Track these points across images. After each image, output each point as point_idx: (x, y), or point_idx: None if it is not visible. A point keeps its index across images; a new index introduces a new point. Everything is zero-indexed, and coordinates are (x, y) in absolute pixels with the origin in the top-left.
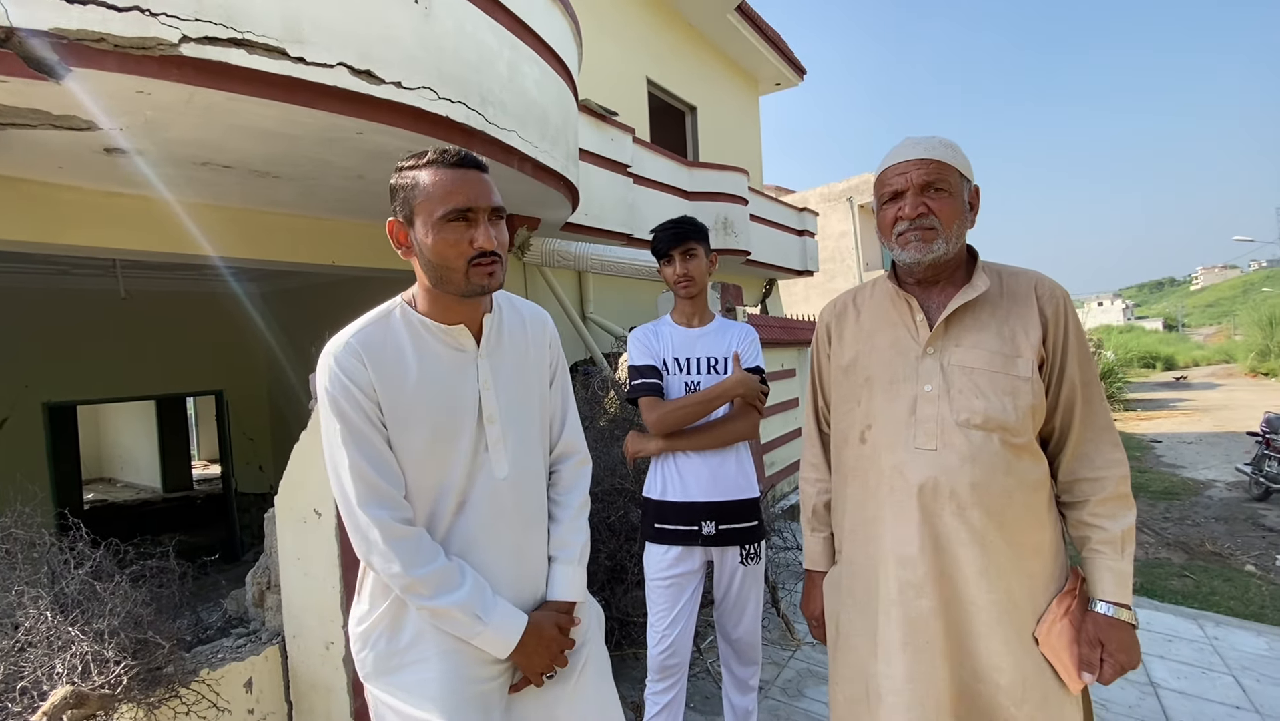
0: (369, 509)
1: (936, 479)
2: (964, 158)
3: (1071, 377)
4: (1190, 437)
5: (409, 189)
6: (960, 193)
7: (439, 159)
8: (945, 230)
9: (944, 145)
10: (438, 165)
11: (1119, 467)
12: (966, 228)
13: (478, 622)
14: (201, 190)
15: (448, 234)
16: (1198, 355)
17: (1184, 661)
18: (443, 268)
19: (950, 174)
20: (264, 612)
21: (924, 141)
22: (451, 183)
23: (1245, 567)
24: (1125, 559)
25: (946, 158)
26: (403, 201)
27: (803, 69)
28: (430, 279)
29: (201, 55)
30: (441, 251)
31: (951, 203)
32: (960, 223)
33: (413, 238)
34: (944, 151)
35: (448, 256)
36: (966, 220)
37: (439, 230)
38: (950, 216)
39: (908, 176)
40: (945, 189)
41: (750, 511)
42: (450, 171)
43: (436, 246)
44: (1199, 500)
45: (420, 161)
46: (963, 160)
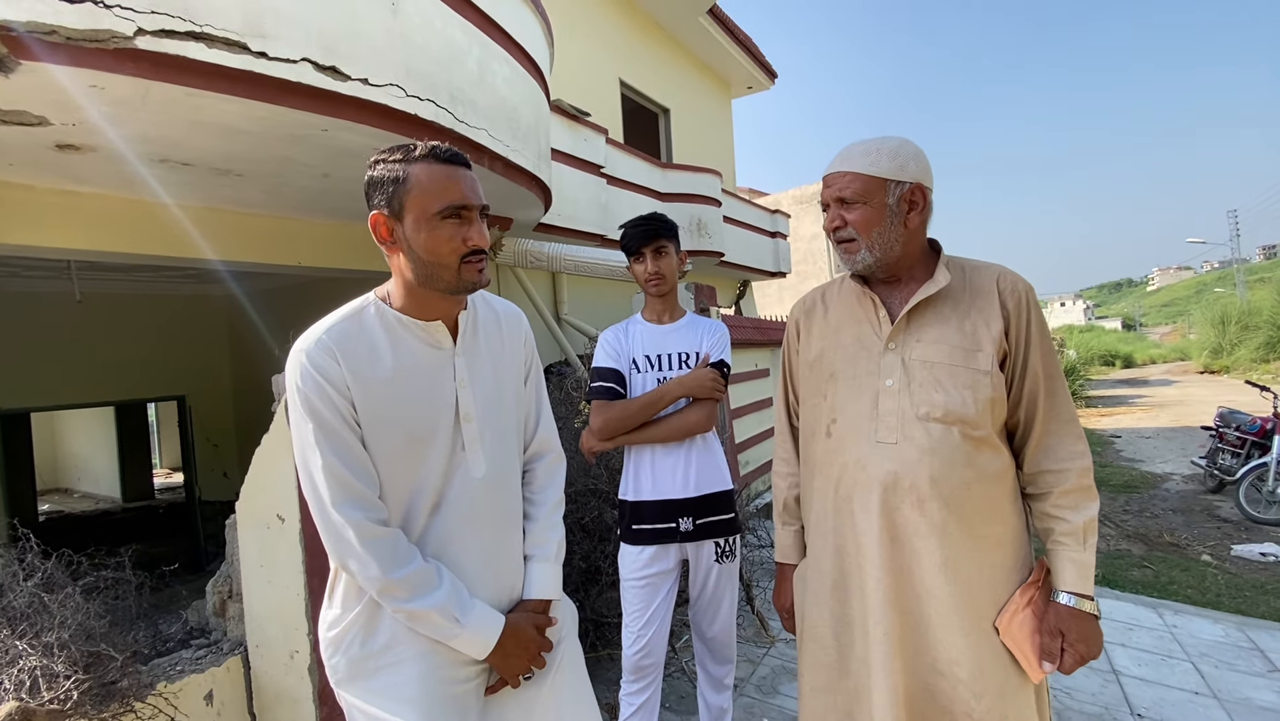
0: (343, 510)
1: (896, 472)
2: (896, 160)
3: (1034, 370)
4: (1149, 433)
5: (398, 183)
6: (881, 199)
7: (432, 154)
8: (865, 239)
9: (865, 153)
10: (431, 160)
11: (1081, 460)
12: (896, 232)
13: (455, 625)
14: (160, 189)
15: (443, 231)
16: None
17: (1145, 649)
18: (434, 265)
19: (865, 183)
20: (226, 622)
21: (847, 151)
22: (447, 179)
23: (1201, 557)
24: (1088, 550)
25: (863, 167)
26: (390, 195)
27: (774, 72)
28: (417, 276)
29: (158, 48)
30: (434, 248)
31: (866, 213)
32: (883, 229)
33: (399, 233)
34: (861, 161)
35: (441, 253)
36: (894, 225)
37: (434, 227)
38: (867, 226)
39: (829, 190)
40: (860, 200)
41: (726, 504)
42: (445, 168)
43: (429, 243)
44: (1157, 493)
45: (410, 155)
46: (888, 164)
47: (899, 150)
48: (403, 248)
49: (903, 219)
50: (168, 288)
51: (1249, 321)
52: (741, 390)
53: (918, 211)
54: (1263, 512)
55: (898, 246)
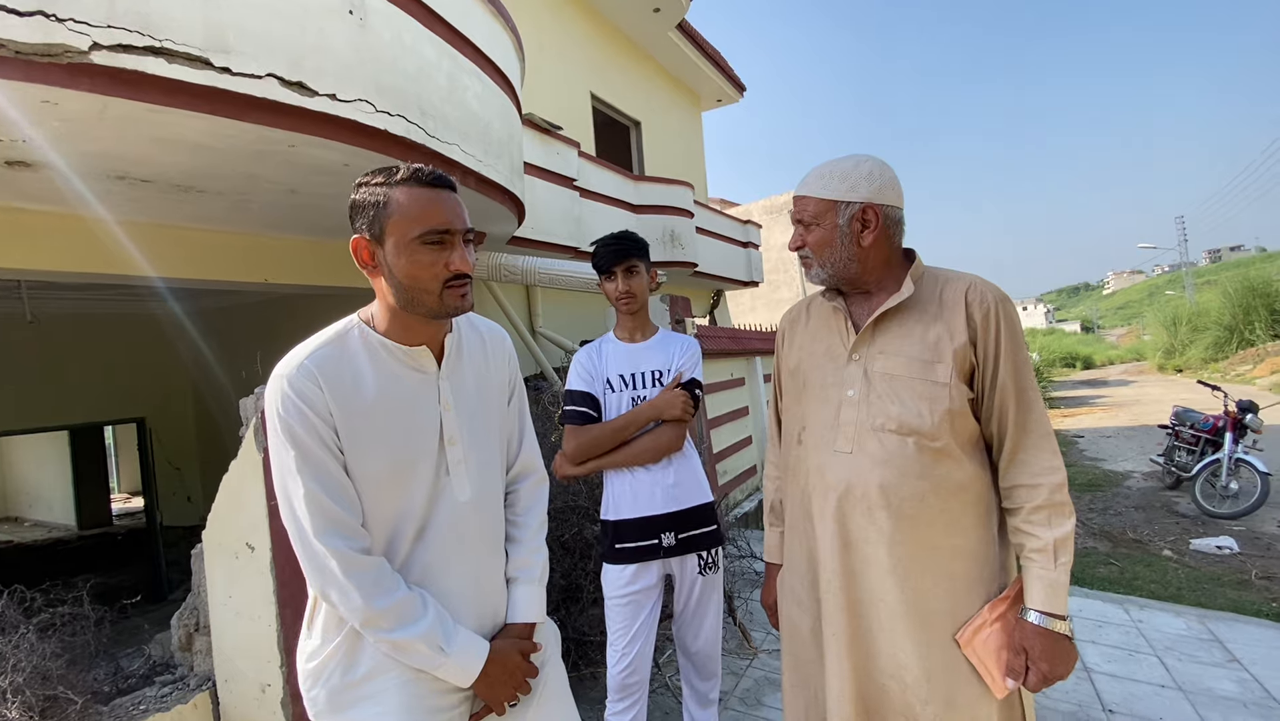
0: (326, 539)
1: (849, 480)
2: (846, 181)
3: (1003, 383)
4: (1109, 432)
5: (379, 206)
6: (832, 220)
7: (413, 177)
8: (818, 258)
9: (819, 176)
10: (413, 184)
11: (1055, 475)
12: (849, 251)
13: (440, 654)
14: (118, 206)
15: (423, 256)
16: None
17: (1113, 645)
18: (415, 290)
19: (816, 205)
20: (192, 657)
21: (810, 174)
22: (429, 203)
23: (1163, 552)
24: (1059, 568)
25: (816, 190)
26: (371, 219)
27: (743, 85)
28: (399, 300)
29: (115, 63)
30: (415, 274)
31: (818, 233)
32: (835, 249)
33: (380, 257)
34: (813, 184)
35: (422, 279)
36: (846, 244)
37: (414, 252)
38: (819, 246)
39: (794, 212)
40: (815, 221)
41: (707, 516)
42: (427, 191)
43: (410, 268)
44: (1119, 490)
45: (392, 178)
46: (838, 186)
47: (850, 171)
48: (384, 272)
49: (855, 238)
50: (126, 306)
51: (1198, 322)
52: (718, 400)
53: (871, 230)
54: (1217, 507)
55: (854, 264)
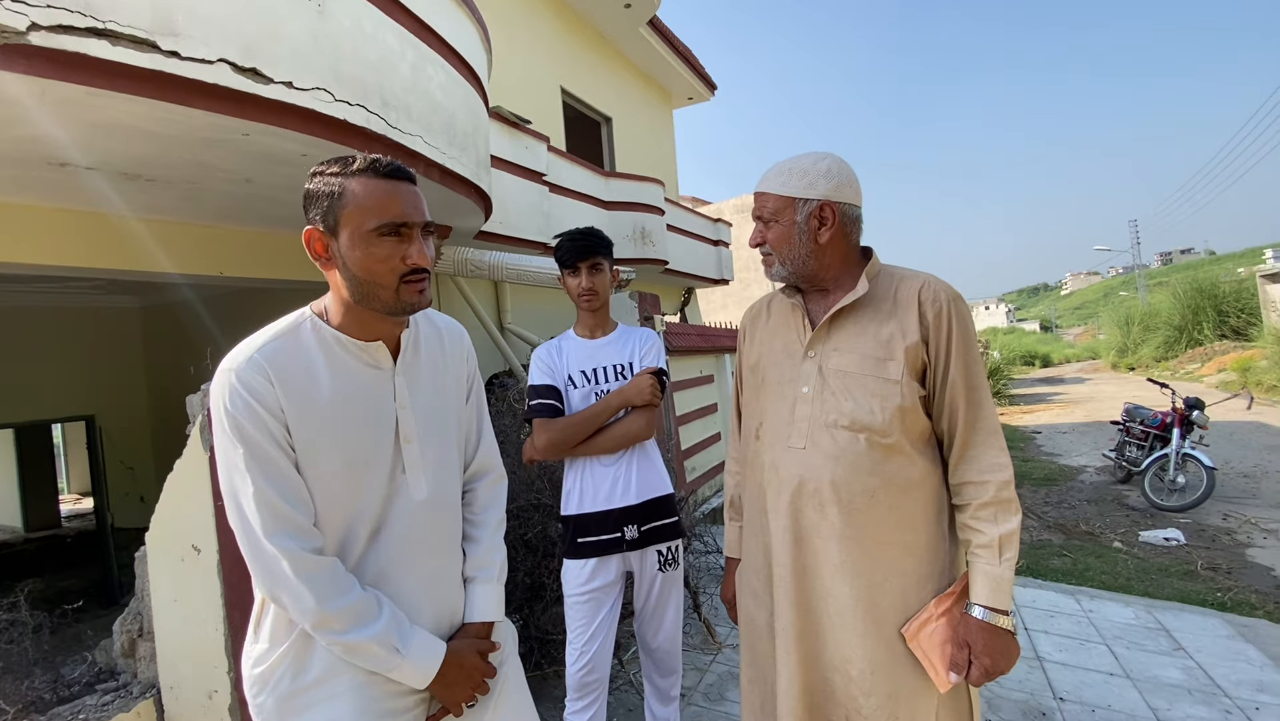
0: (276, 539)
1: (802, 476)
2: (805, 179)
3: (954, 381)
4: (1065, 428)
5: (334, 197)
6: (790, 217)
7: (370, 168)
8: (779, 255)
9: (778, 172)
10: (370, 175)
11: (1002, 472)
12: (807, 247)
13: (395, 655)
14: (61, 194)
15: (379, 249)
16: (1069, 353)
17: (1065, 635)
18: (370, 284)
19: (775, 202)
20: (136, 663)
21: (769, 170)
22: (385, 195)
23: (1114, 544)
24: (1003, 564)
25: (774, 187)
26: (326, 210)
27: (713, 84)
28: (354, 294)
29: (55, 45)
30: (370, 267)
31: (777, 230)
32: (793, 246)
33: (335, 249)
34: (773, 180)
35: (377, 272)
36: (803, 241)
37: (369, 244)
38: (779, 243)
39: (755, 208)
40: (772, 218)
41: (668, 508)
42: (384, 183)
43: (365, 261)
44: (1074, 484)
45: (348, 168)
46: (796, 184)
47: (809, 169)
48: (338, 265)
49: (812, 235)
50: (75, 299)
51: (1150, 322)
52: (686, 396)
53: (828, 227)
54: (1165, 500)
55: (811, 261)
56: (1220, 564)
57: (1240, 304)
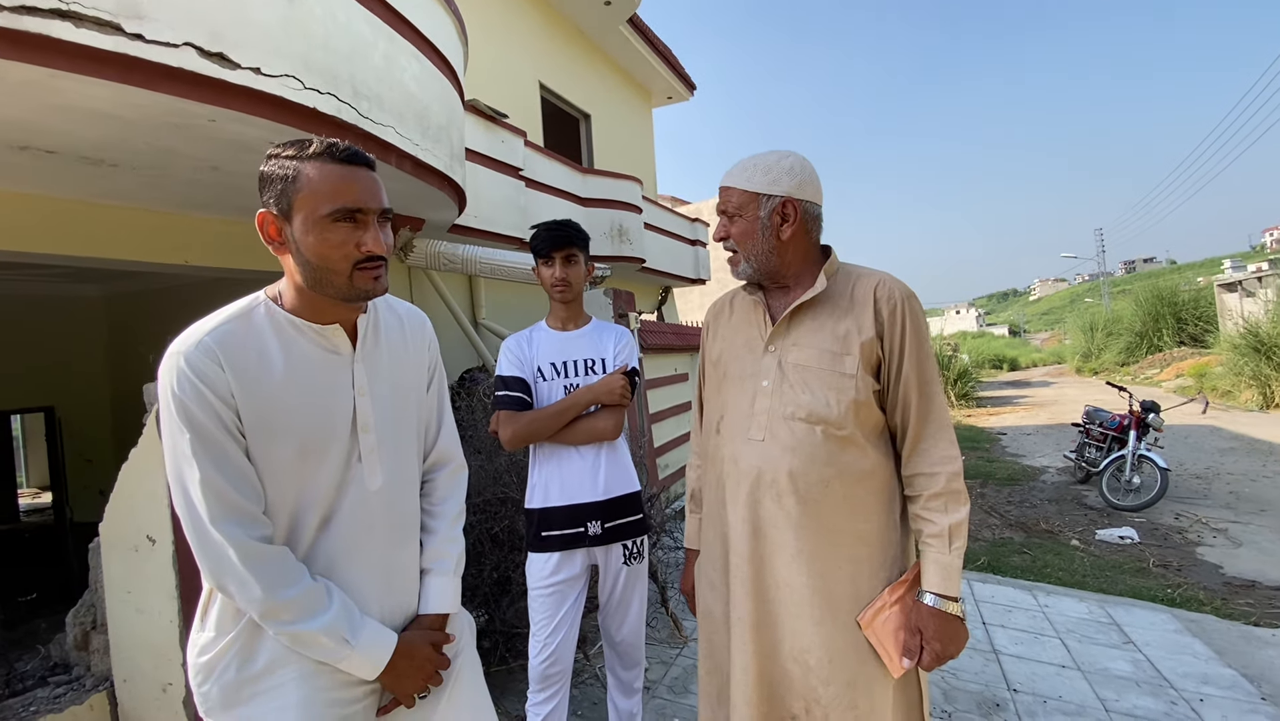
0: (223, 527)
1: (760, 467)
2: (769, 175)
3: (907, 376)
4: (1029, 430)
5: (288, 180)
6: (754, 213)
7: (327, 152)
8: (744, 251)
9: (744, 168)
10: (325, 159)
11: (952, 465)
12: (769, 244)
13: (344, 646)
14: (21, 178)
15: (333, 234)
16: (1036, 357)
17: (1020, 629)
18: (323, 270)
19: (739, 196)
20: (89, 656)
21: (735, 166)
22: (341, 179)
23: (1071, 542)
24: (953, 553)
25: (740, 182)
26: (279, 193)
27: (692, 84)
28: (307, 280)
29: (17, 26)
30: (324, 253)
31: (741, 225)
32: (756, 242)
33: (288, 233)
34: (738, 175)
35: (331, 258)
36: (766, 237)
37: (323, 229)
38: (742, 238)
39: (719, 202)
40: (737, 213)
41: (633, 505)
42: (340, 167)
43: (319, 247)
44: (1035, 484)
45: (304, 152)
46: (761, 179)
47: (773, 166)
48: (291, 249)
49: (775, 231)
50: (33, 287)
51: (1113, 329)
52: (661, 394)
53: (790, 224)
54: (1121, 500)
55: (773, 257)
56: (1171, 561)
57: (1198, 312)
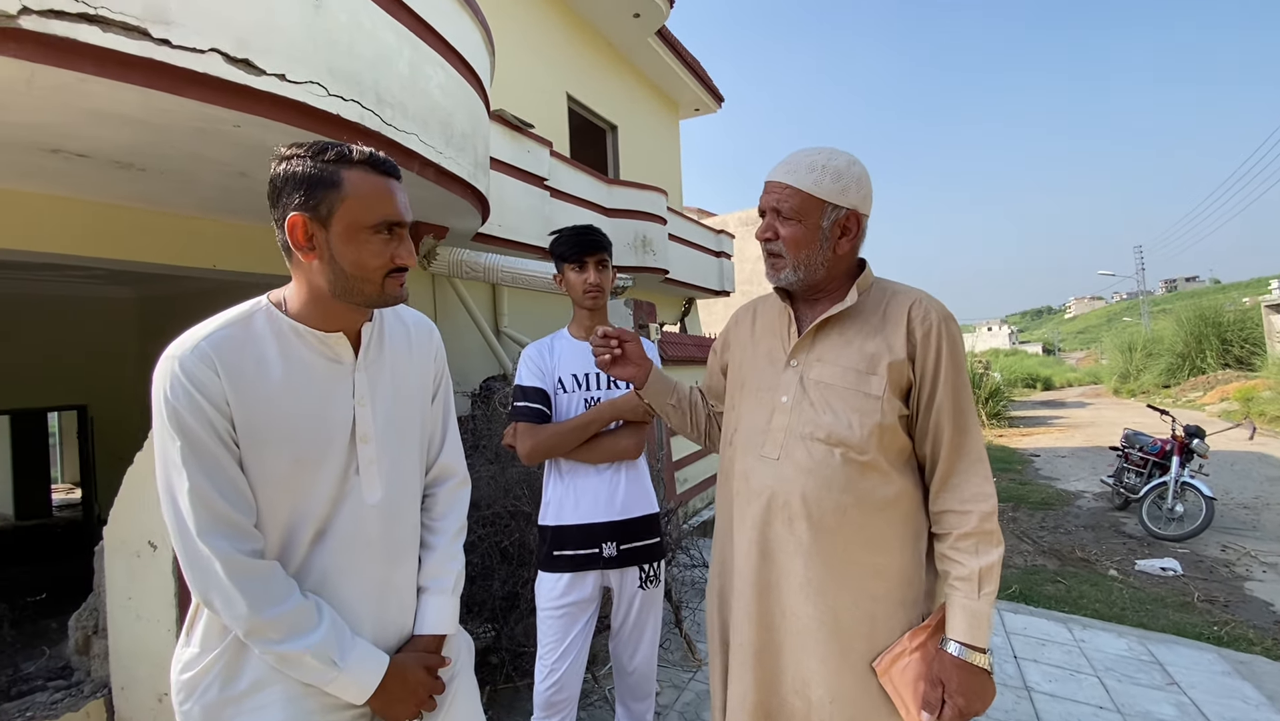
0: (210, 539)
1: (772, 488)
2: (839, 182)
3: (940, 404)
4: (1064, 452)
5: (332, 186)
6: (815, 220)
7: (368, 161)
8: (792, 258)
9: (810, 168)
10: (368, 169)
11: (985, 503)
12: (824, 256)
13: (332, 668)
14: (55, 181)
15: (375, 245)
16: (1071, 376)
17: (1055, 664)
18: (358, 279)
19: (803, 200)
20: (90, 661)
21: (794, 159)
22: (386, 191)
23: (1109, 572)
24: (983, 599)
25: (803, 183)
26: (319, 199)
27: (720, 96)
28: (334, 287)
29: (46, 30)
30: (363, 262)
31: (798, 231)
32: (812, 252)
33: (321, 239)
34: (804, 176)
35: (369, 268)
36: (823, 248)
37: (365, 240)
38: (796, 245)
39: (767, 197)
40: (795, 217)
41: (651, 528)
42: (383, 180)
43: (358, 256)
44: (1070, 509)
45: (347, 158)
46: (830, 185)
47: (844, 171)
48: (322, 255)
49: (833, 244)
50: (70, 288)
51: (1153, 349)
52: None
53: (849, 238)
54: (1163, 529)
55: (822, 270)
56: (1218, 596)
57: (1245, 333)
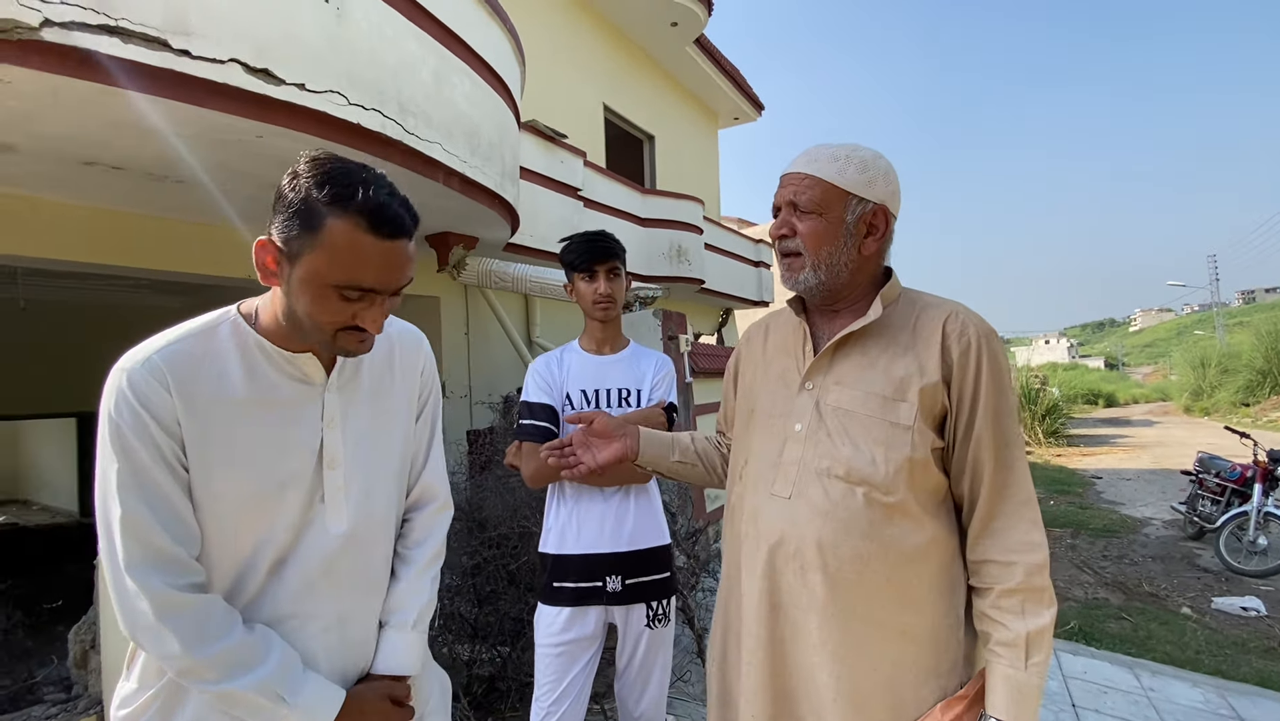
0: (139, 574)
1: (783, 531)
2: (865, 173)
3: (979, 435)
4: (1129, 474)
5: (306, 228)
6: (838, 214)
7: (368, 216)
8: (811, 256)
9: (833, 157)
10: (363, 225)
11: (1033, 554)
12: (848, 255)
13: (280, 704)
14: (95, 193)
15: (332, 302)
16: (1136, 393)
17: (1119, 716)
18: (310, 326)
19: (825, 191)
20: (87, 676)
21: (813, 151)
22: (367, 255)
23: (1181, 610)
24: (1031, 669)
25: (827, 173)
26: (293, 234)
27: (760, 105)
28: (288, 323)
29: (67, 41)
30: (314, 316)
31: (819, 226)
32: (835, 249)
33: (285, 272)
34: (826, 165)
35: (321, 323)
36: (847, 247)
37: (322, 296)
38: (817, 242)
39: (783, 191)
40: (815, 210)
41: (661, 562)
42: (374, 241)
43: (310, 309)
44: (1137, 538)
45: (341, 199)
46: (855, 176)
47: (870, 163)
48: (283, 286)
49: (859, 242)
50: (123, 297)
51: (1228, 365)
52: (713, 420)
53: (876, 237)
54: (1243, 563)
55: (845, 272)
56: None
57: None
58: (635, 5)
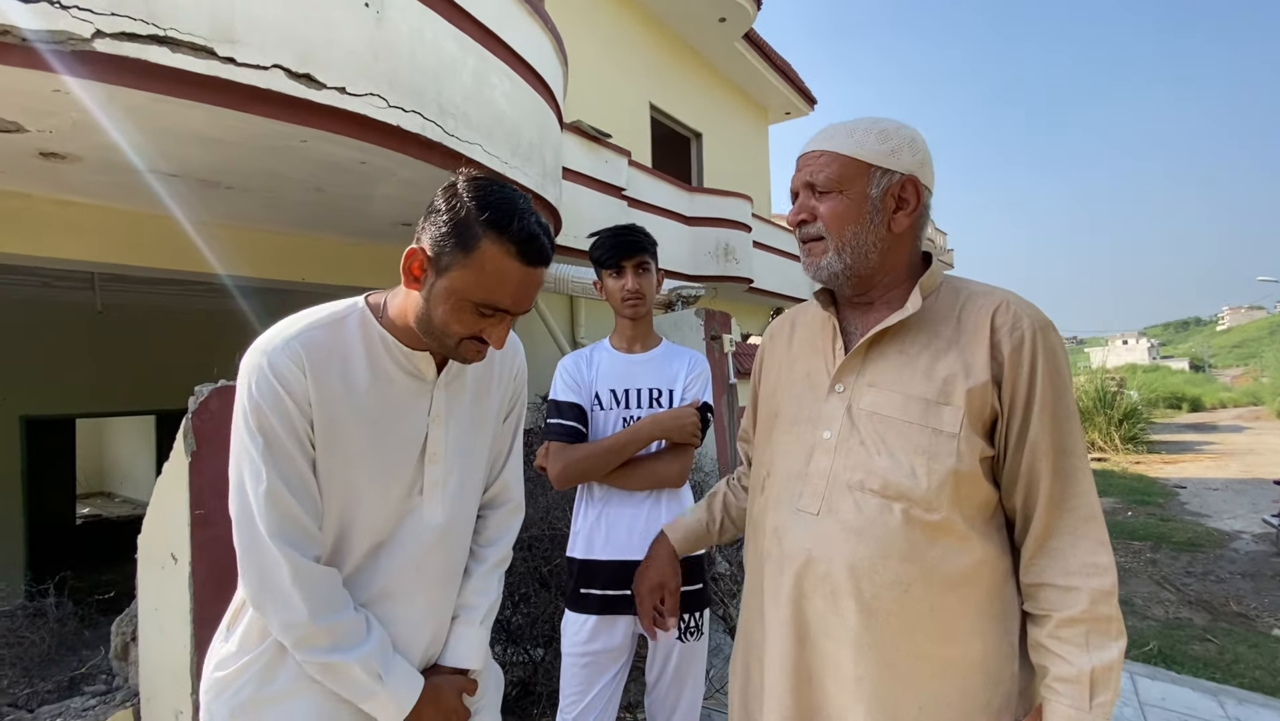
0: (280, 543)
1: (811, 552)
2: (887, 142)
3: (1035, 441)
4: (1216, 484)
5: (460, 246)
6: (861, 189)
7: (517, 242)
8: (835, 238)
9: (849, 131)
10: (510, 253)
11: (1099, 577)
12: (877, 234)
13: (376, 682)
14: (155, 200)
15: (467, 316)
16: (1225, 396)
17: None
18: (440, 332)
19: (843, 165)
20: (127, 668)
21: (830, 129)
22: (511, 280)
23: (1273, 632)
24: (1095, 710)
25: (842, 146)
26: (447, 248)
27: (813, 98)
28: (419, 325)
29: (118, 52)
30: (448, 325)
31: (841, 204)
32: (860, 228)
33: (429, 280)
34: (841, 139)
35: (451, 331)
36: (875, 224)
37: (461, 308)
38: (840, 222)
39: (799, 175)
40: (834, 187)
41: (693, 572)
42: (520, 268)
43: (446, 319)
44: (1224, 553)
45: (499, 223)
46: (875, 146)
47: (892, 132)
48: (423, 293)
49: (887, 218)
50: (194, 302)
51: None
52: None
53: (907, 212)
54: None
55: (875, 254)
56: None
57: None
58: (682, 2)
